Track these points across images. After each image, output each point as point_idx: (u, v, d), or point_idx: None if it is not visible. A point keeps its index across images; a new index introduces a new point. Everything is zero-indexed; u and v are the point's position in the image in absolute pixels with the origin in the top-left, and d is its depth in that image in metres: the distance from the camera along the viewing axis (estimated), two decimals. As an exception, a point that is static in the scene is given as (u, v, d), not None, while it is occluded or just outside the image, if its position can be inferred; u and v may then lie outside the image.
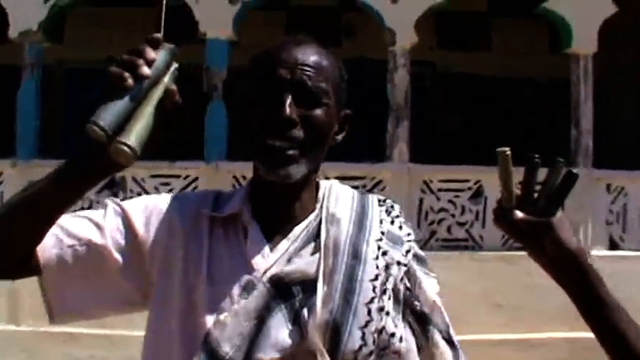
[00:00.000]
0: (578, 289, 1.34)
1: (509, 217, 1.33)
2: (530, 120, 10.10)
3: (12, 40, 8.00)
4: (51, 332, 6.95)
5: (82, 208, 6.63)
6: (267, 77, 1.41)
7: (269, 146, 1.39)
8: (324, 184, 1.54)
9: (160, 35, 1.29)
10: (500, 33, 10.27)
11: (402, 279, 1.46)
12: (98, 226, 1.43)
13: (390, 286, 1.43)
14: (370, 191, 7.27)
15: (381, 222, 1.49)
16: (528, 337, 6.86)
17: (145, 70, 1.23)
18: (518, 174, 1.32)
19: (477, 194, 7.61)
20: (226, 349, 1.34)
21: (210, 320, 1.37)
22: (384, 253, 1.45)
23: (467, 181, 7.66)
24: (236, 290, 1.39)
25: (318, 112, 1.42)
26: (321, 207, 1.48)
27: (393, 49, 7.70)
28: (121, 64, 1.24)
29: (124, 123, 1.21)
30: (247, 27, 8.22)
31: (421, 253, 1.55)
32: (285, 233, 1.45)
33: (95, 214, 1.45)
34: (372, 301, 1.39)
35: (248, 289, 1.38)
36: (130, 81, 1.22)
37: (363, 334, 1.37)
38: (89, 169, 1.29)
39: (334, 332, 1.36)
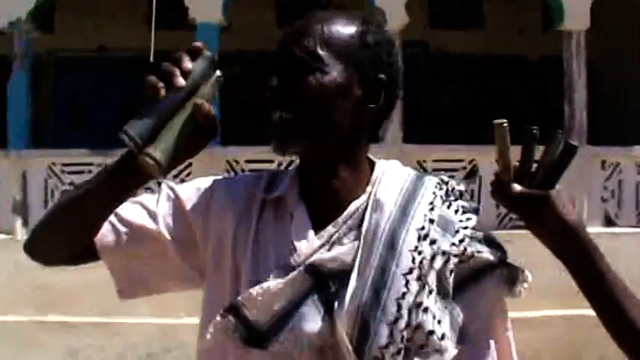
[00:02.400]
0: (577, 261, 1.32)
1: (508, 190, 1.30)
2: (523, 98, 10.09)
3: (1, 31, 7.96)
4: (47, 322, 6.96)
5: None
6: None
7: (271, 121, 1.38)
8: (380, 166, 1.46)
9: (200, 44, 1.29)
10: (493, 11, 10.24)
11: (451, 270, 1.36)
12: (151, 213, 1.46)
13: (430, 280, 1.34)
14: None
15: (432, 209, 1.38)
16: (524, 315, 6.86)
17: (180, 80, 1.24)
18: (513, 151, 1.30)
19: (472, 174, 7.62)
20: (259, 324, 1.33)
21: None
22: (432, 242, 1.36)
23: (461, 160, 7.66)
24: (276, 273, 1.36)
25: (308, 79, 1.35)
26: (371, 191, 1.41)
27: (384, 30, 7.67)
28: (156, 74, 1.24)
29: (155, 133, 1.23)
30: (237, 11, 8.19)
31: (487, 234, 1.42)
32: (332, 216, 1.40)
33: (149, 200, 1.46)
34: (403, 296, 1.32)
35: (287, 273, 1.36)
36: (163, 92, 1.23)
37: (391, 331, 1.31)
38: (125, 176, 1.34)
39: (362, 327, 1.31)
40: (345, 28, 1.39)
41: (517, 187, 1.30)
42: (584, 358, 6.91)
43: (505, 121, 1.30)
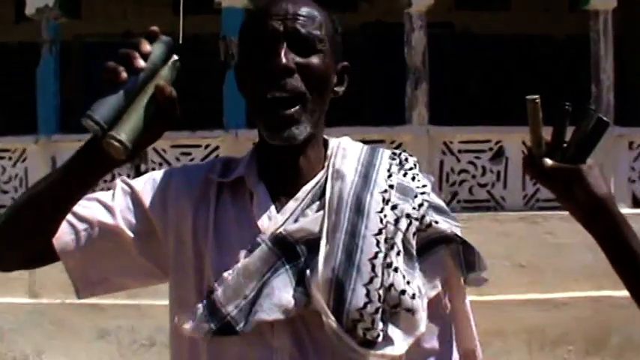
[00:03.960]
0: (607, 235, 1.33)
1: (539, 164, 1.33)
2: (550, 78, 10.01)
3: (29, 17, 8.03)
4: (77, 304, 7.04)
5: (105, 181, 6.67)
6: (258, 31, 1.40)
7: (269, 101, 1.38)
8: (333, 142, 1.50)
9: (156, 28, 1.30)
10: (519, -9, 10.15)
11: (414, 233, 1.40)
12: (108, 208, 1.45)
13: (398, 240, 1.38)
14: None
15: (390, 175, 1.44)
16: (551, 296, 6.86)
17: (140, 62, 1.25)
18: (544, 130, 1.32)
19: (498, 154, 7.59)
20: (229, 308, 1.34)
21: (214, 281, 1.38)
22: (394, 207, 1.40)
23: (487, 141, 7.63)
24: (242, 254, 1.38)
25: (315, 59, 1.40)
26: (329, 164, 1.45)
27: (409, 11, 7.65)
28: (116, 59, 1.25)
29: (119, 116, 1.23)
30: (262, -6, 8.18)
31: (441, 203, 1.47)
32: (292, 193, 1.43)
33: (105, 195, 1.46)
34: (376, 256, 1.35)
35: (253, 250, 1.37)
36: (124, 74, 1.24)
37: (368, 291, 1.33)
38: (89, 163, 1.32)
39: (338, 291, 1.33)
40: (323, 13, 1.44)
41: (549, 161, 1.32)
42: (612, 339, 6.89)
43: (537, 96, 1.32)
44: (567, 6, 9.58)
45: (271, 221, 1.40)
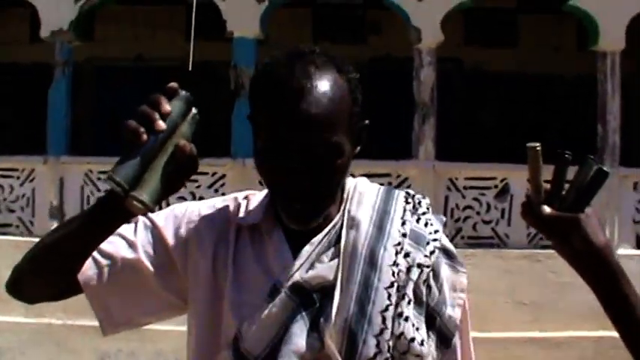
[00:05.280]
0: (603, 284, 1.35)
1: (538, 211, 1.34)
2: (558, 117, 10.06)
3: (44, 39, 8.12)
4: (81, 325, 7.04)
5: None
6: (271, 131, 1.36)
7: (290, 207, 1.40)
8: (349, 184, 1.51)
9: (175, 85, 1.32)
10: (528, 30, 10.22)
11: (424, 281, 1.44)
12: (130, 243, 1.49)
13: (409, 291, 1.42)
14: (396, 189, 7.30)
15: (403, 223, 1.47)
16: (553, 335, 6.84)
17: (160, 124, 1.28)
18: (546, 171, 1.34)
19: (503, 192, 7.60)
20: (255, 356, 1.39)
21: (235, 325, 1.42)
22: (407, 255, 1.44)
23: (493, 178, 7.65)
24: (260, 298, 1.42)
25: (333, 164, 1.38)
26: (344, 210, 1.48)
27: (418, 47, 7.71)
28: (136, 118, 1.28)
29: (140, 175, 1.27)
30: (274, 24, 8.27)
31: (450, 247, 1.51)
32: (308, 235, 1.44)
33: (127, 230, 1.49)
34: (386, 309, 1.39)
35: (272, 296, 1.41)
36: (144, 136, 1.27)
37: (378, 342, 1.38)
38: (111, 215, 1.36)
39: (350, 340, 1.38)
40: (343, 89, 1.39)
41: (547, 209, 1.34)
42: (612, 380, 6.86)
43: (538, 144, 1.34)
44: (576, 46, 9.65)
45: (287, 266, 1.43)
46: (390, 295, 1.40)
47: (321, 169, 1.37)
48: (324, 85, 1.37)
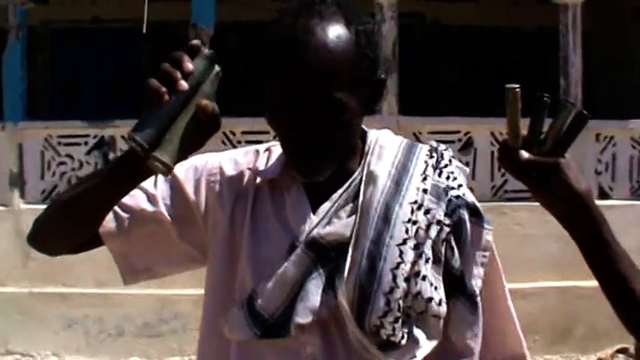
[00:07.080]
0: (585, 230, 1.31)
1: (515, 156, 1.28)
2: (520, 70, 10.07)
3: (-5, 2, 7.90)
4: (46, 293, 6.99)
5: (73, 169, 6.56)
6: (271, 84, 1.36)
7: (294, 160, 1.38)
8: (371, 136, 1.48)
9: (198, 42, 1.29)
10: (488, -18, 10.18)
11: (444, 240, 1.40)
12: (150, 195, 1.49)
13: (427, 249, 1.38)
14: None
15: (425, 178, 1.42)
16: (518, 286, 6.90)
17: (183, 84, 1.25)
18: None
19: (467, 145, 7.63)
20: (270, 313, 1.38)
21: (251, 281, 1.40)
22: (427, 212, 1.39)
23: (457, 132, 7.66)
24: (278, 253, 1.40)
25: (334, 121, 1.35)
26: (364, 164, 1.44)
27: (379, 2, 7.64)
28: (158, 77, 1.25)
29: (161, 135, 1.26)
30: (233, -18, 8.13)
31: (475, 202, 1.46)
32: (327, 191, 1.42)
33: (147, 183, 1.48)
34: (397, 266, 1.35)
35: (290, 253, 1.39)
36: (167, 96, 1.24)
37: (388, 300, 1.34)
38: (130, 176, 1.36)
39: (361, 298, 1.35)
40: (344, 49, 1.34)
41: (525, 154, 1.28)
42: (577, 329, 6.98)
43: (517, 85, 1.27)
44: (537, -1, 9.64)
45: (307, 221, 1.41)
46: (401, 253, 1.36)
47: (321, 125, 1.33)
48: (324, 37, 1.33)
